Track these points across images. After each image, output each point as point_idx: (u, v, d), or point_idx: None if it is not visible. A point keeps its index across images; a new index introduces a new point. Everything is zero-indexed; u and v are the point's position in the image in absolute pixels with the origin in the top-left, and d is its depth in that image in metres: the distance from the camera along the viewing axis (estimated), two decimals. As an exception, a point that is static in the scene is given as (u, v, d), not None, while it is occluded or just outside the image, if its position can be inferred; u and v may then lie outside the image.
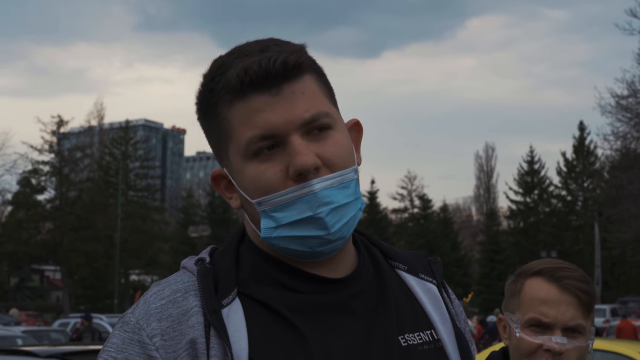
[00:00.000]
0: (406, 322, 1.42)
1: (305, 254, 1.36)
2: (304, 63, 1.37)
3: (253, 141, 1.33)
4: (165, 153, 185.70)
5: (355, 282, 1.41)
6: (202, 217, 65.19)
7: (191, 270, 1.38)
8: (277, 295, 1.35)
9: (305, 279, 1.38)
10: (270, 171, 1.33)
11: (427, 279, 1.53)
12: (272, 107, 1.33)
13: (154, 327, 1.30)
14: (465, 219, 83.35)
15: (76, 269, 57.78)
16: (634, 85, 36.71)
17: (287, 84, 1.34)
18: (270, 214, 1.34)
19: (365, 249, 1.49)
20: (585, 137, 61.05)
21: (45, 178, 57.64)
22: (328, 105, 1.39)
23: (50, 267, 69.90)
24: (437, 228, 63.15)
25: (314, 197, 1.32)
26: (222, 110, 1.37)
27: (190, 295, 1.33)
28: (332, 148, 1.35)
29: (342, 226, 1.35)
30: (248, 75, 1.32)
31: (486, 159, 77.91)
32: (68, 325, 28.18)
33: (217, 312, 1.30)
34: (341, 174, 1.35)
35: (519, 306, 2.24)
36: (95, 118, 69.78)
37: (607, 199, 48.16)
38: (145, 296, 1.36)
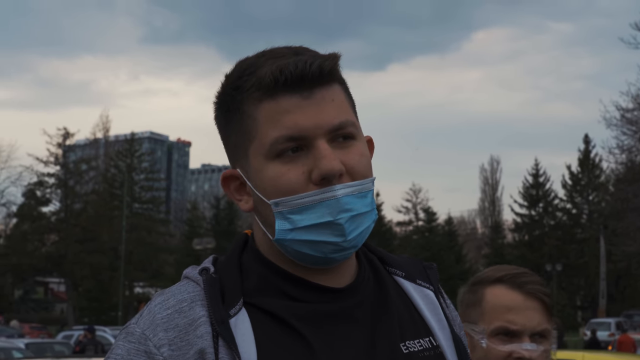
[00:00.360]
0: (406, 329, 1.42)
1: (316, 260, 1.35)
2: (337, 71, 1.38)
3: (279, 141, 1.33)
4: (171, 165, 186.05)
5: (357, 291, 1.41)
6: (206, 230, 65.21)
7: (195, 280, 1.37)
8: (282, 304, 1.34)
9: (309, 288, 1.37)
10: (293, 173, 1.33)
11: (424, 285, 1.53)
12: (303, 110, 1.33)
13: (161, 337, 1.28)
14: (470, 232, 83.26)
15: (80, 281, 57.80)
16: (639, 98, 36.72)
17: (318, 89, 1.34)
18: (287, 216, 1.33)
19: (364, 256, 1.49)
20: (590, 150, 61.02)
21: (51, 190, 57.79)
22: (353, 115, 1.40)
23: (54, 280, 69.96)
24: (441, 241, 63.10)
25: (336, 202, 1.31)
26: (248, 108, 1.36)
27: (197, 305, 1.32)
28: (356, 157, 1.36)
29: (357, 235, 1.34)
30: (283, 75, 1.32)
31: (491, 172, 77.93)
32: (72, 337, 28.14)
33: (225, 322, 1.29)
34: (362, 183, 1.35)
35: (481, 316, 2.20)
36: (101, 130, 70.08)
37: (612, 212, 48.06)
38: (149, 306, 1.34)
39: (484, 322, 2.17)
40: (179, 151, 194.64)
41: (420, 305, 1.49)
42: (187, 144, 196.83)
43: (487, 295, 2.20)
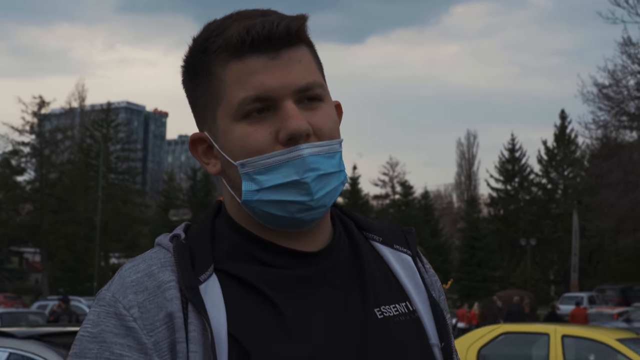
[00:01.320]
0: (382, 294, 1.42)
1: (284, 220, 1.35)
2: (304, 33, 1.38)
3: (246, 102, 1.32)
4: (147, 136, 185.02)
5: (331, 255, 1.40)
6: (183, 201, 65.13)
7: (166, 247, 1.36)
8: (253, 270, 1.34)
9: (281, 253, 1.37)
10: (260, 133, 1.32)
11: (401, 249, 1.52)
12: (270, 70, 1.32)
13: (131, 299, 1.28)
14: (446, 206, 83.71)
15: (56, 251, 57.58)
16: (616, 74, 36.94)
17: (285, 50, 1.34)
18: (253, 177, 1.33)
19: (340, 221, 1.49)
20: (566, 125, 61.39)
21: (26, 159, 57.32)
22: (321, 78, 1.40)
23: (29, 249, 69.61)
24: (418, 215, 63.38)
25: (302, 162, 1.31)
26: (215, 69, 1.35)
27: (166, 270, 1.31)
28: (323, 118, 1.35)
29: (325, 194, 1.34)
30: (250, 35, 1.31)
31: (468, 147, 78.23)
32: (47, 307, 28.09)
33: (194, 287, 1.28)
34: (329, 144, 1.35)
35: None
36: (77, 100, 69.54)
37: (586, 187, 48.53)
38: (120, 272, 1.33)
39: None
40: (155, 122, 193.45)
41: (397, 270, 1.49)
42: (164, 115, 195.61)
43: None
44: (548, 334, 9.98)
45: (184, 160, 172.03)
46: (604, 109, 37.75)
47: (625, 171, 36.64)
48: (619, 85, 36.98)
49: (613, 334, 10.23)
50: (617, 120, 38.05)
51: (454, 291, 56.46)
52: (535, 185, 63.24)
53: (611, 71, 37.07)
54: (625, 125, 38.53)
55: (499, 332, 10.46)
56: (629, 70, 36.84)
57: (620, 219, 39.23)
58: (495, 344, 10.33)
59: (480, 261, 57.85)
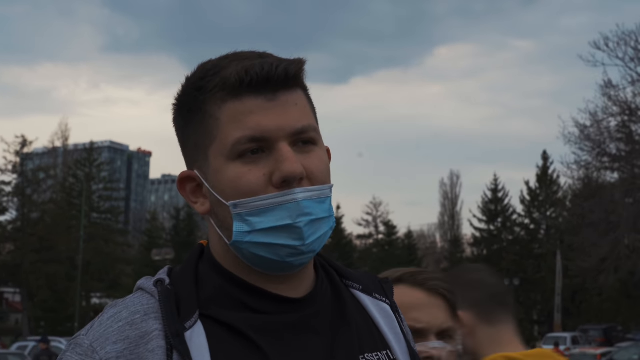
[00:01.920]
0: (364, 341, 1.41)
1: (273, 263, 1.34)
2: (301, 77, 1.39)
3: (241, 142, 1.32)
4: (131, 175, 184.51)
5: (315, 301, 1.40)
6: (166, 240, 64.77)
7: (150, 291, 1.34)
8: (239, 316, 1.33)
9: (267, 298, 1.36)
10: (253, 174, 1.32)
11: (381, 298, 1.53)
12: (266, 112, 1.33)
13: (109, 351, 1.25)
14: (430, 246, 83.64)
15: (37, 291, 56.95)
16: (596, 115, 37.33)
17: (282, 92, 1.35)
18: (245, 218, 1.32)
19: (322, 268, 1.49)
20: (548, 166, 61.72)
21: (7, 199, 56.88)
22: (315, 122, 1.41)
23: (9, 289, 68.82)
24: (401, 254, 63.33)
25: (296, 206, 1.31)
26: (210, 108, 1.35)
27: (150, 319, 1.29)
28: (316, 162, 1.36)
29: (315, 239, 1.34)
30: (249, 76, 1.32)
31: (451, 187, 78.40)
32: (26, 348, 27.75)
33: (180, 335, 1.26)
34: (321, 189, 1.36)
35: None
36: (60, 139, 69.29)
37: (569, 227, 48.71)
38: (101, 318, 1.31)
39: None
40: (139, 161, 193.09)
41: (377, 319, 1.49)
42: (148, 154, 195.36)
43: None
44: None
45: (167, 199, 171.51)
46: (585, 150, 38.11)
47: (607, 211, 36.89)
48: (600, 126, 37.38)
49: None
50: (599, 161, 38.39)
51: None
52: (518, 225, 63.36)
53: (592, 113, 37.53)
54: (607, 167, 38.87)
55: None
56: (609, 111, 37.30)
57: (602, 259, 39.37)
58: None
59: (463, 301, 57.73)
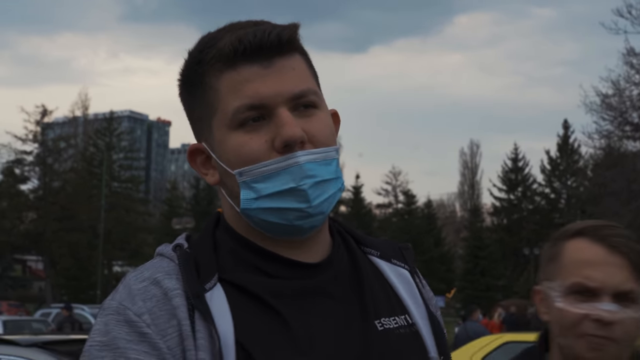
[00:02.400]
0: (381, 306, 1.42)
1: (282, 228, 1.35)
2: (297, 41, 1.39)
3: (240, 111, 1.33)
4: (150, 145, 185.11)
5: (331, 266, 1.41)
6: (186, 210, 65.11)
7: (169, 256, 1.36)
8: (257, 280, 1.34)
9: (283, 264, 1.37)
10: (255, 141, 1.33)
11: (399, 264, 1.53)
12: (263, 78, 1.34)
13: (140, 306, 1.27)
14: (449, 215, 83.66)
15: (59, 259, 57.52)
16: (618, 84, 36.93)
17: (278, 58, 1.35)
18: (251, 185, 1.34)
19: (338, 234, 1.50)
20: (569, 135, 61.36)
21: (29, 168, 57.33)
22: (315, 85, 1.41)
23: (32, 257, 69.59)
24: (421, 224, 63.34)
25: (298, 169, 1.32)
26: (209, 80, 1.37)
27: (172, 278, 1.30)
28: (318, 125, 1.36)
29: (322, 201, 1.35)
30: (242, 44, 1.33)
31: (471, 156, 78.25)
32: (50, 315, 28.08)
33: (200, 295, 1.28)
34: (324, 151, 1.36)
35: (558, 272, 1.92)
36: (80, 108, 69.61)
37: (590, 197, 48.37)
38: (124, 281, 1.33)
39: (561, 278, 1.91)
40: (158, 130, 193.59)
41: (395, 284, 1.49)
42: (167, 124, 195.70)
43: (566, 248, 1.93)
44: (551, 344, 9.94)
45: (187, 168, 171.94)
46: (607, 119, 37.75)
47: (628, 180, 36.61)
48: (622, 95, 36.98)
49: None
50: (620, 130, 38.03)
51: (457, 300, 56.37)
52: (538, 194, 63.17)
53: (614, 81, 37.07)
54: (629, 135, 38.50)
55: (501, 341, 10.43)
56: (632, 80, 36.84)
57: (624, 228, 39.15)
58: (498, 354, 10.29)
59: (483, 270, 57.79)
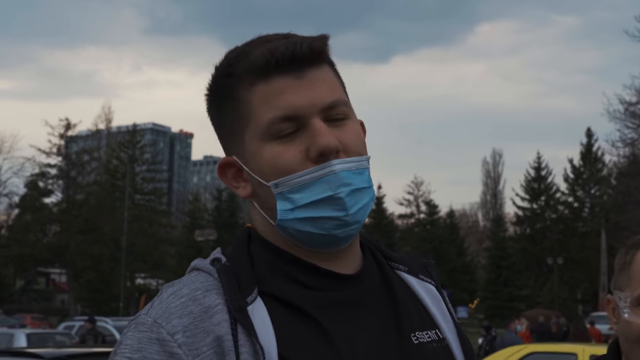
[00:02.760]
0: (414, 320, 1.42)
1: (320, 238, 1.35)
2: (327, 53, 1.39)
3: (274, 122, 1.33)
4: (173, 157, 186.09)
5: (365, 278, 1.41)
6: (208, 221, 65.23)
7: (207, 270, 1.35)
8: (295, 292, 1.33)
9: (320, 275, 1.37)
10: (290, 152, 1.33)
11: (426, 279, 1.53)
12: (296, 90, 1.34)
13: (175, 324, 1.25)
14: (472, 225, 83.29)
15: (82, 271, 57.88)
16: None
17: (309, 69, 1.35)
18: (287, 196, 1.33)
19: (368, 249, 1.50)
20: (592, 143, 60.98)
21: (53, 181, 57.85)
22: (345, 96, 1.42)
23: (56, 270, 70.07)
24: (443, 234, 63.11)
25: (334, 177, 1.32)
26: (241, 93, 1.37)
27: (211, 294, 1.30)
28: (350, 135, 1.37)
29: (359, 209, 1.35)
30: (274, 57, 1.33)
31: (493, 165, 77.95)
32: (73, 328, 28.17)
33: (243, 309, 1.27)
34: (358, 160, 1.36)
35: (629, 282, 1.85)
36: (103, 121, 70.14)
37: (614, 205, 48.04)
38: (160, 297, 1.32)
39: (630, 289, 1.84)
40: (181, 143, 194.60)
41: (425, 299, 1.49)
42: (190, 136, 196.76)
43: (637, 258, 1.86)
44: (576, 354, 9.86)
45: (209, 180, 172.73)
46: (630, 127, 37.48)
47: (653, 189, 36.27)
48: (645, 102, 36.67)
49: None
50: (644, 137, 37.71)
51: (480, 310, 56.07)
52: (561, 203, 62.78)
53: (637, 88, 36.83)
54: (653, 143, 38.18)
55: (525, 352, 10.36)
56: (655, 87, 36.55)
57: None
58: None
59: (506, 280, 57.44)
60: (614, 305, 1.91)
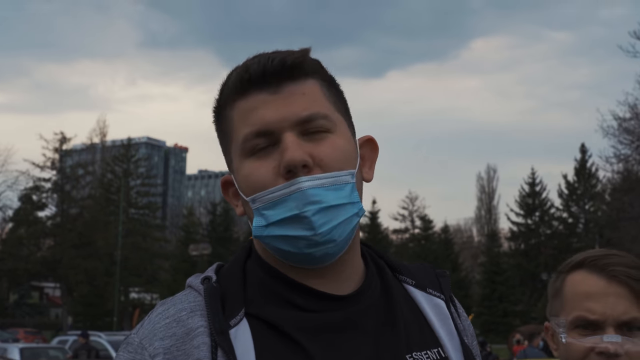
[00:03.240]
0: (414, 340, 1.40)
1: (295, 256, 1.34)
2: (307, 66, 1.38)
3: (248, 138, 1.34)
4: (167, 171, 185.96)
5: (362, 298, 1.39)
6: (202, 236, 65.12)
7: (197, 289, 1.36)
8: (284, 315, 1.33)
9: (311, 295, 1.35)
10: (264, 168, 1.33)
11: (435, 294, 1.50)
12: (268, 105, 1.34)
13: (157, 347, 1.28)
14: (466, 240, 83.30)
15: (76, 286, 57.64)
16: (636, 108, 36.76)
17: (287, 84, 1.35)
18: (262, 212, 1.34)
19: (372, 262, 1.48)
20: (586, 159, 61.08)
21: (47, 195, 57.64)
22: (330, 109, 1.39)
23: (50, 284, 69.82)
24: (438, 249, 63.07)
25: (301, 195, 1.30)
26: (227, 112, 1.39)
27: (196, 315, 1.31)
28: (326, 149, 1.34)
29: (331, 228, 1.31)
30: (247, 73, 1.35)
31: (488, 180, 78.00)
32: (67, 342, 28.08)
33: (224, 332, 1.27)
34: (334, 175, 1.33)
35: (562, 307, 1.91)
36: (98, 135, 70.04)
37: (608, 221, 48.09)
38: (150, 316, 1.34)
39: (564, 313, 1.89)
40: (175, 157, 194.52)
41: (429, 315, 1.47)
42: (184, 150, 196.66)
43: (567, 282, 1.92)
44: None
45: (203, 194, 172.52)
46: (624, 143, 37.57)
47: (647, 205, 36.33)
48: (639, 118, 36.81)
49: None
50: (639, 154, 37.82)
51: (475, 326, 55.96)
52: (556, 219, 62.83)
53: (631, 105, 36.92)
54: (647, 159, 38.27)
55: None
56: (649, 103, 36.67)
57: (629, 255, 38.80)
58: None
59: (501, 296, 57.39)
60: (552, 332, 1.95)
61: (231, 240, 63.67)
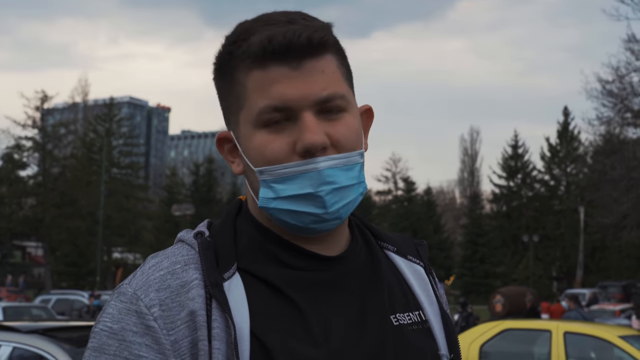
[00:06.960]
0: (397, 302, 1.44)
1: (297, 228, 1.37)
2: (329, 42, 1.37)
3: (265, 111, 1.34)
4: (150, 131, 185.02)
5: (349, 260, 1.43)
6: (185, 196, 65.14)
7: (190, 243, 1.38)
8: (275, 271, 1.36)
9: (302, 255, 1.39)
10: (277, 143, 1.34)
11: (414, 260, 1.55)
12: (290, 80, 1.33)
13: (152, 298, 1.29)
14: (449, 202, 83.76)
15: (58, 245, 57.64)
16: (619, 70, 36.87)
17: (308, 60, 1.34)
18: (270, 185, 1.35)
19: (357, 229, 1.51)
20: (569, 122, 61.35)
21: (28, 154, 57.32)
22: (345, 87, 1.40)
23: (32, 244, 69.70)
24: (420, 210, 63.39)
25: (317, 175, 1.32)
26: (239, 75, 1.37)
27: (190, 268, 1.32)
28: (342, 130, 1.36)
29: (340, 207, 1.36)
30: (271, 45, 1.32)
31: (471, 143, 78.24)
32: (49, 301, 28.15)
33: (219, 285, 1.30)
34: (347, 156, 1.36)
35: None
36: (80, 94, 69.61)
37: (589, 184, 48.43)
38: (142, 268, 1.35)
39: None
40: (158, 117, 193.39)
41: (410, 280, 1.51)
42: (167, 110, 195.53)
43: None
44: (550, 331, 9.98)
45: (186, 155, 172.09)
46: (607, 106, 37.71)
47: (628, 167, 36.61)
48: (622, 81, 36.92)
49: (615, 330, 10.22)
50: (621, 117, 38.00)
51: (456, 287, 56.46)
52: (538, 181, 63.22)
53: (615, 67, 37.02)
54: (629, 122, 38.49)
55: (500, 328, 10.46)
56: (632, 66, 36.79)
57: (623, 216, 39.19)
58: (497, 341, 10.33)
59: (482, 257, 57.90)
60: None
61: (214, 200, 63.69)
